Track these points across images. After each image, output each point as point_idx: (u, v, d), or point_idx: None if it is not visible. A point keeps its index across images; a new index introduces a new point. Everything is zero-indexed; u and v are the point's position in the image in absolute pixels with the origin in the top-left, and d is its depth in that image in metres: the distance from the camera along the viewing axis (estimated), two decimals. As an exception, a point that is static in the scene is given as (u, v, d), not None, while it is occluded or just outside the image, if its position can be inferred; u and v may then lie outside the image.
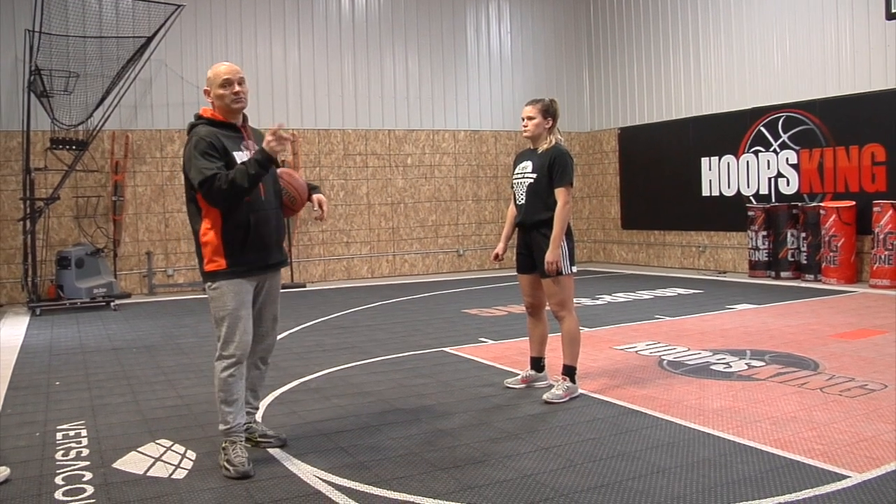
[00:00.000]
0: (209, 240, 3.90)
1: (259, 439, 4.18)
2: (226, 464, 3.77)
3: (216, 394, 3.93)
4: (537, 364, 5.38)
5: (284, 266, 4.23)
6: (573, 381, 5.05)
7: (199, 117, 4.04)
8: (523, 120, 5.14)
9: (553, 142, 5.06)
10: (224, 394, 3.90)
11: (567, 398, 4.95)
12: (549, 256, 4.89)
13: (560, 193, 4.94)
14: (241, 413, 3.95)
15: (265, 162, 3.79)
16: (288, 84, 13.17)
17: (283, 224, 4.18)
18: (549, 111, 5.08)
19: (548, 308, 5.20)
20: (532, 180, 5.04)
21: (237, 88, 3.95)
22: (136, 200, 12.12)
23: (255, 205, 3.93)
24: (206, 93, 4.01)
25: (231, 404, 3.90)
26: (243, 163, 3.82)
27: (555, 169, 4.96)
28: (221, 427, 3.91)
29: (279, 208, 4.12)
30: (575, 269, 5.04)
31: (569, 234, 5.01)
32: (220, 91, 3.95)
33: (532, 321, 5.35)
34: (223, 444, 3.88)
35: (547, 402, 4.90)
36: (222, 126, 3.98)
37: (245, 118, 4.11)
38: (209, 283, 3.95)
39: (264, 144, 3.82)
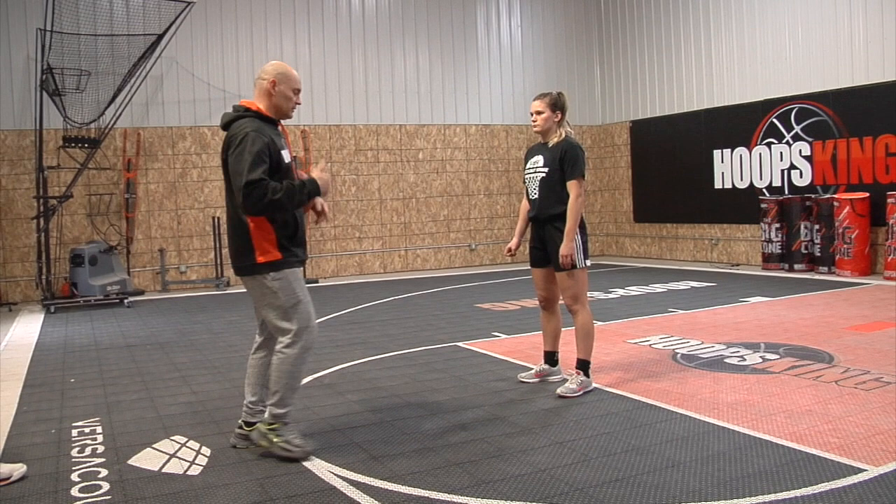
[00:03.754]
0: (262, 231, 3.88)
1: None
2: (286, 444, 3.87)
3: (284, 381, 3.90)
4: (551, 358, 5.38)
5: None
6: (587, 375, 5.04)
7: (246, 109, 3.94)
8: (532, 115, 5.12)
9: (563, 135, 5.04)
10: (294, 381, 3.95)
11: (581, 392, 4.94)
12: (563, 250, 4.88)
13: (572, 186, 4.92)
14: None
15: (315, 195, 3.91)
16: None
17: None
18: (557, 104, 5.07)
19: (561, 302, 5.20)
20: (544, 174, 5.03)
21: (299, 100, 4.03)
22: (149, 198, 12.17)
23: None
24: (273, 84, 3.93)
25: (296, 389, 3.99)
26: (294, 184, 3.83)
27: (566, 162, 4.94)
28: (279, 411, 3.92)
29: None
30: (589, 262, 5.03)
31: (582, 227, 4.99)
32: (290, 94, 3.98)
33: (546, 315, 5.33)
34: (274, 426, 3.90)
35: (561, 397, 4.89)
36: (270, 122, 3.97)
37: None
38: (271, 274, 3.89)
39: (318, 178, 3.91)
